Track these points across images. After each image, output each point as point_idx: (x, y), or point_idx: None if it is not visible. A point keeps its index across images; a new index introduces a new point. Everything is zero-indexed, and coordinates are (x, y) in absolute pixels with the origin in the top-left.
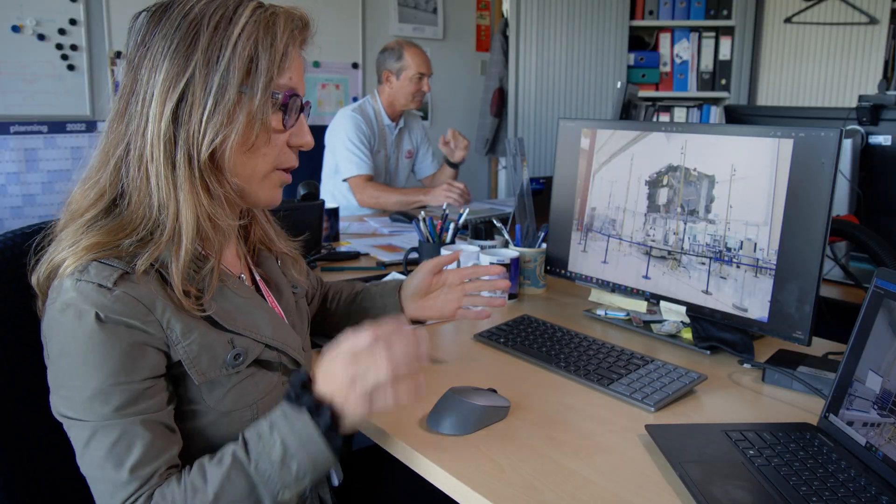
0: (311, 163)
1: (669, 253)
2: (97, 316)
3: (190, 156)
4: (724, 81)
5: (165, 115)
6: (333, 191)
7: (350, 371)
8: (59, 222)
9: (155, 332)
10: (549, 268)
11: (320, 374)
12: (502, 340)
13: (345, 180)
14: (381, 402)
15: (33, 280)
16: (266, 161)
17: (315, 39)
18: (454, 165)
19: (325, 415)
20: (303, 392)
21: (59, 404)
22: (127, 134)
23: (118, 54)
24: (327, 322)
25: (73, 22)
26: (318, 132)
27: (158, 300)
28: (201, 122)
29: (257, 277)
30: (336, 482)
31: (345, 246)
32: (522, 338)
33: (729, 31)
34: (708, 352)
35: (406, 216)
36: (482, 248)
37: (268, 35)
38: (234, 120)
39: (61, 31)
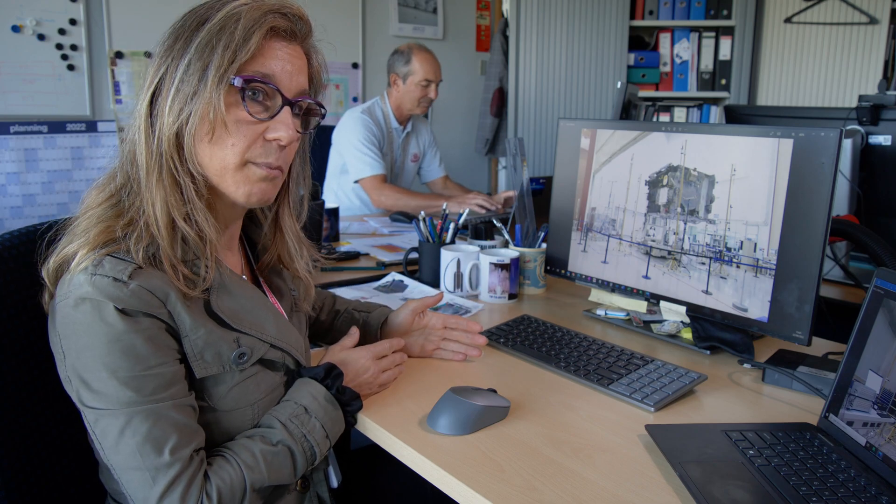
0: (312, 163)
1: (669, 253)
2: (116, 308)
3: (158, 141)
4: (724, 81)
5: (143, 106)
6: (337, 191)
7: (378, 366)
8: (74, 217)
9: (169, 321)
10: (549, 268)
11: (349, 363)
12: (502, 340)
13: (357, 182)
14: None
15: (44, 271)
16: (234, 152)
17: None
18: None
19: (355, 402)
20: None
21: (87, 397)
22: (132, 132)
23: (118, 54)
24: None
25: (73, 22)
26: (319, 132)
27: (171, 293)
28: (165, 108)
29: (260, 279)
30: (335, 483)
31: (345, 246)
32: (522, 338)
33: (729, 31)
34: (708, 352)
35: (406, 216)
36: (482, 248)
37: (233, 25)
38: (192, 104)
39: (61, 31)
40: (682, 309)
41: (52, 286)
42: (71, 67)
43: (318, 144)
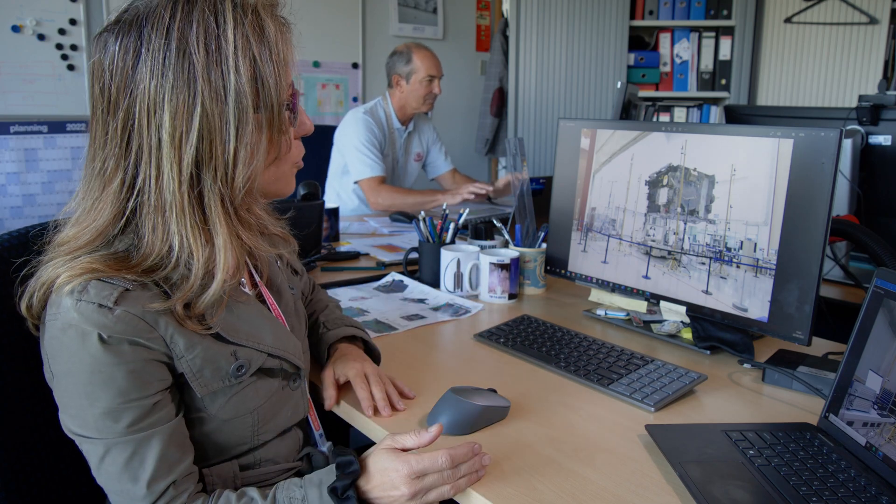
0: (312, 163)
1: (669, 253)
2: (100, 337)
3: (222, 197)
4: (724, 81)
5: (186, 160)
6: (339, 190)
7: (413, 488)
8: (47, 256)
9: (158, 346)
10: (549, 268)
11: (376, 472)
12: (502, 340)
13: (356, 182)
14: None
15: (23, 307)
16: (288, 163)
17: (314, 39)
18: None
19: None
20: (348, 487)
21: (69, 422)
22: (135, 178)
23: None
24: None
25: (73, 22)
26: (319, 132)
27: (161, 315)
28: (226, 161)
29: (258, 280)
30: None
31: (345, 246)
32: (522, 338)
33: (729, 31)
34: (708, 352)
35: (406, 216)
36: (482, 248)
37: (263, 45)
38: (259, 145)
39: (61, 31)
40: (682, 309)
41: (35, 318)
42: (71, 67)
43: (319, 144)
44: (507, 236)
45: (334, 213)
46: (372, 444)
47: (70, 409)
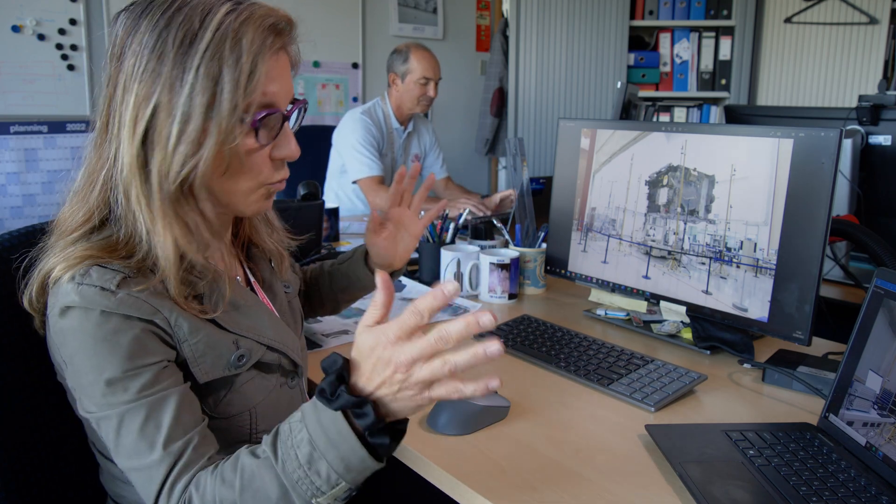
0: (312, 163)
1: (669, 253)
2: (102, 311)
3: (161, 185)
4: (724, 81)
5: (136, 141)
6: (338, 191)
7: (406, 355)
8: (48, 240)
9: (162, 325)
10: (549, 268)
11: (363, 358)
12: (502, 340)
13: (354, 182)
14: (440, 391)
15: (25, 301)
16: (248, 181)
17: (309, 38)
18: None
19: (367, 414)
20: (338, 384)
21: (85, 403)
22: (109, 155)
23: None
24: (312, 308)
25: (73, 22)
26: (319, 132)
27: (165, 300)
28: (167, 151)
29: (251, 278)
30: None
31: (345, 246)
32: (522, 338)
33: (729, 31)
34: (708, 352)
35: None
36: (482, 248)
37: (233, 52)
38: (202, 148)
39: (61, 31)
40: (682, 309)
41: (39, 312)
42: (71, 67)
43: (317, 145)
44: (507, 236)
45: (334, 213)
46: None
47: (83, 388)
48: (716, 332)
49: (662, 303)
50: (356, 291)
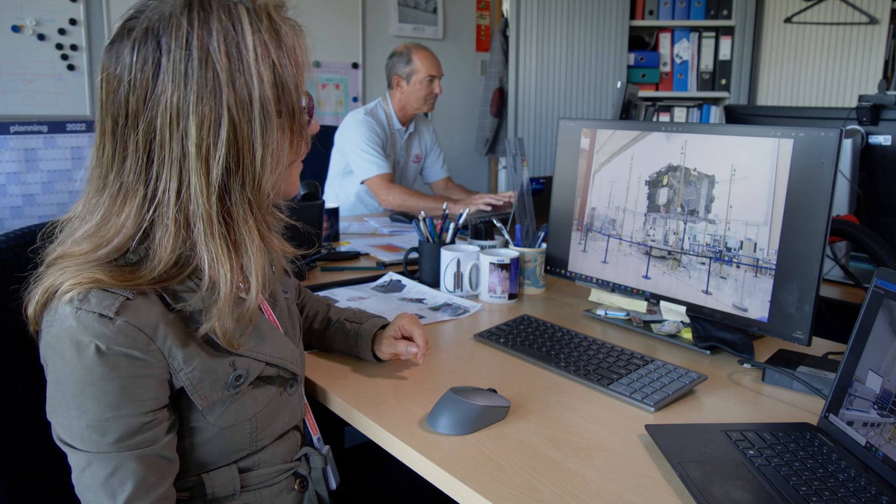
0: (311, 163)
1: (669, 253)
2: (97, 348)
3: (251, 204)
4: (724, 81)
5: (214, 171)
6: (339, 191)
7: None
8: (53, 253)
9: (156, 360)
10: (549, 268)
11: None
12: (502, 340)
13: (363, 182)
14: None
15: (30, 311)
16: (300, 163)
17: (314, 39)
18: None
19: None
20: None
21: (58, 430)
22: (156, 192)
23: None
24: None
25: (73, 22)
26: (319, 132)
27: (160, 327)
28: (255, 168)
29: None
30: (334, 485)
31: (345, 246)
32: (522, 338)
33: (729, 31)
34: (708, 352)
35: (406, 216)
36: (482, 248)
37: (282, 49)
38: (283, 149)
39: (61, 31)
40: (682, 309)
41: (36, 323)
42: (71, 67)
43: (319, 144)
44: (507, 236)
45: (334, 213)
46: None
47: (59, 416)
48: (716, 332)
49: (662, 303)
50: (345, 350)
